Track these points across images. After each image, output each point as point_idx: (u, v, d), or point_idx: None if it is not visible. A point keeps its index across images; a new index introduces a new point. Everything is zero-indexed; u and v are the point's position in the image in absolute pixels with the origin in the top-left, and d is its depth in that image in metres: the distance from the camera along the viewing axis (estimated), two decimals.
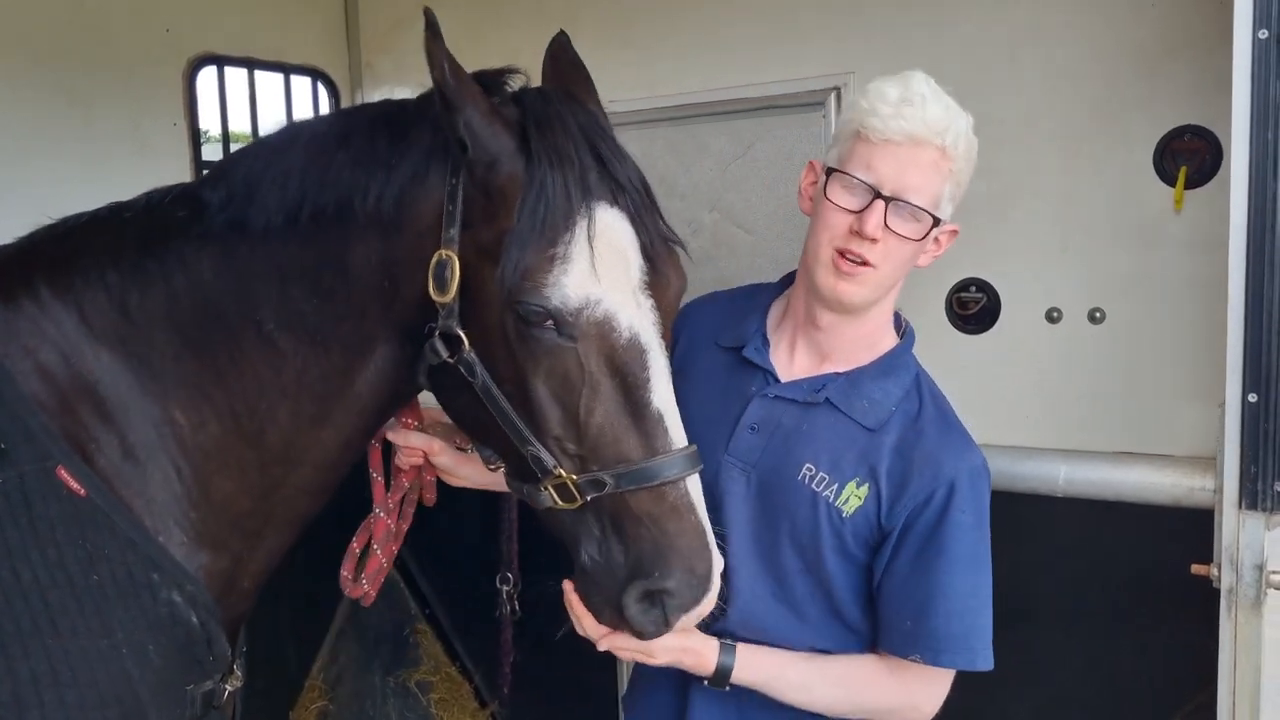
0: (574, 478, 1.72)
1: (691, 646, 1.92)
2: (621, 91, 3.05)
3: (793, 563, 1.97)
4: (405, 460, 2.18)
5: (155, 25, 3.40)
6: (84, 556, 1.66)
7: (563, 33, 1.98)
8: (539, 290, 1.65)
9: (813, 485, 1.95)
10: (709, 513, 1.78)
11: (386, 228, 1.76)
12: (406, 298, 1.78)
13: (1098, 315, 2.77)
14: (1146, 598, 2.65)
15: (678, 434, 1.75)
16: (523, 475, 1.81)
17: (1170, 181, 2.63)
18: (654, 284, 1.75)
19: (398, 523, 2.22)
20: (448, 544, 3.73)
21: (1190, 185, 2.61)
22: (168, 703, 1.77)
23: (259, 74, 3.76)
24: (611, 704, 3.37)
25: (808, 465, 1.96)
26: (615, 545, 1.74)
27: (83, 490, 1.68)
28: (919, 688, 1.95)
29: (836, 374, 2.01)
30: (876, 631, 1.99)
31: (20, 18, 3.03)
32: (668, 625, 1.75)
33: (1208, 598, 2.16)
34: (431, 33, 1.63)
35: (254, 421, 1.83)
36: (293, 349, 1.81)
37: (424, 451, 2.16)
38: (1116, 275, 2.73)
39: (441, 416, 2.11)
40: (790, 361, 2.06)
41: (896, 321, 2.09)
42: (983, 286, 2.92)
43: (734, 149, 3.24)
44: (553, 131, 1.71)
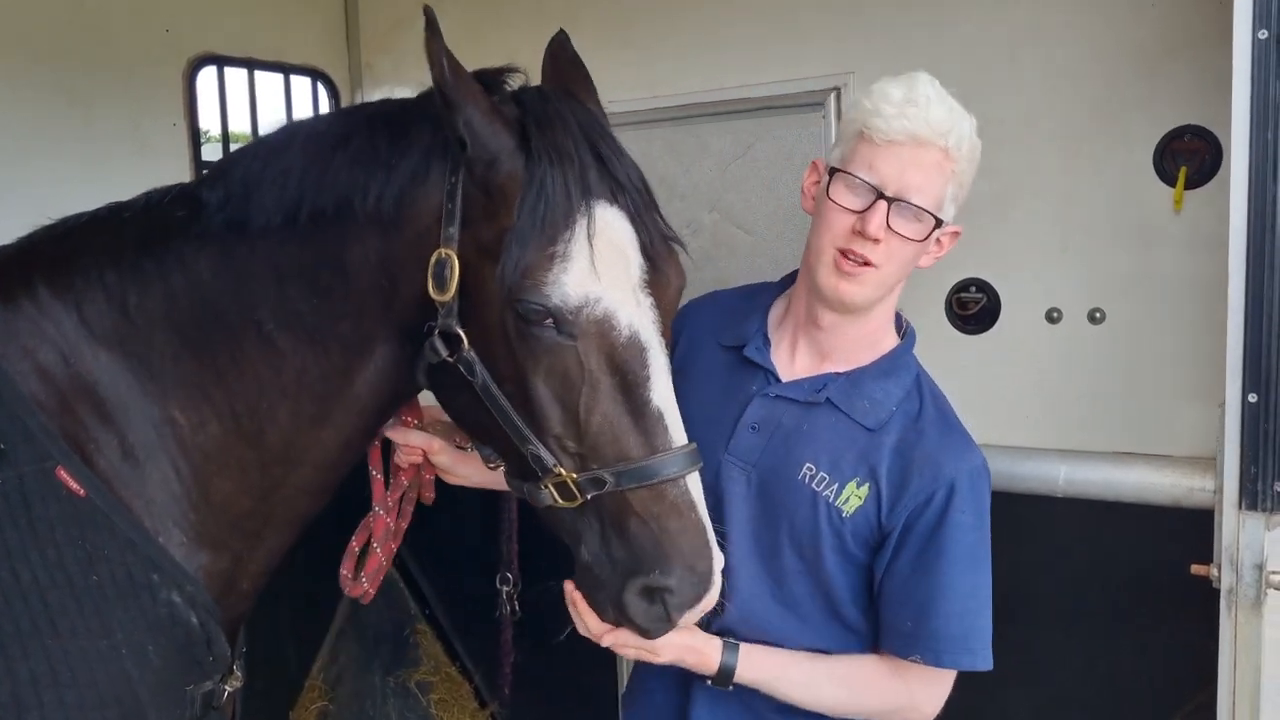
0: (574, 476, 1.72)
1: (695, 645, 1.92)
2: (621, 91, 3.04)
3: (792, 563, 1.97)
4: (404, 459, 2.18)
5: (155, 25, 3.39)
6: (83, 557, 1.66)
7: (562, 31, 1.97)
8: (539, 288, 1.65)
9: (813, 485, 1.95)
10: (709, 512, 1.78)
11: (386, 227, 1.75)
12: (405, 297, 1.77)
13: (1098, 315, 2.77)
14: (1146, 598, 2.65)
15: (678, 432, 1.75)
16: (523, 474, 1.81)
17: (1170, 181, 2.63)
18: (654, 282, 1.75)
19: (397, 521, 2.21)
20: (448, 544, 3.73)
21: (1190, 185, 2.61)
22: (167, 703, 1.77)
23: (259, 74, 3.76)
24: (611, 704, 3.37)
25: (808, 465, 1.96)
26: (616, 543, 1.74)
27: (82, 491, 1.68)
28: (920, 688, 1.95)
29: (837, 374, 2.01)
30: (876, 632, 1.99)
31: (20, 18, 3.03)
32: (670, 622, 1.75)
33: (1208, 598, 2.16)
34: (431, 31, 1.63)
35: (254, 421, 1.83)
36: (292, 348, 1.81)
37: (423, 450, 2.16)
38: (1116, 275, 2.73)
39: (441, 415, 2.11)
40: (791, 361, 2.06)
41: (898, 322, 2.09)
42: (983, 286, 2.91)
43: (734, 149, 3.24)
44: (552, 130, 1.71)
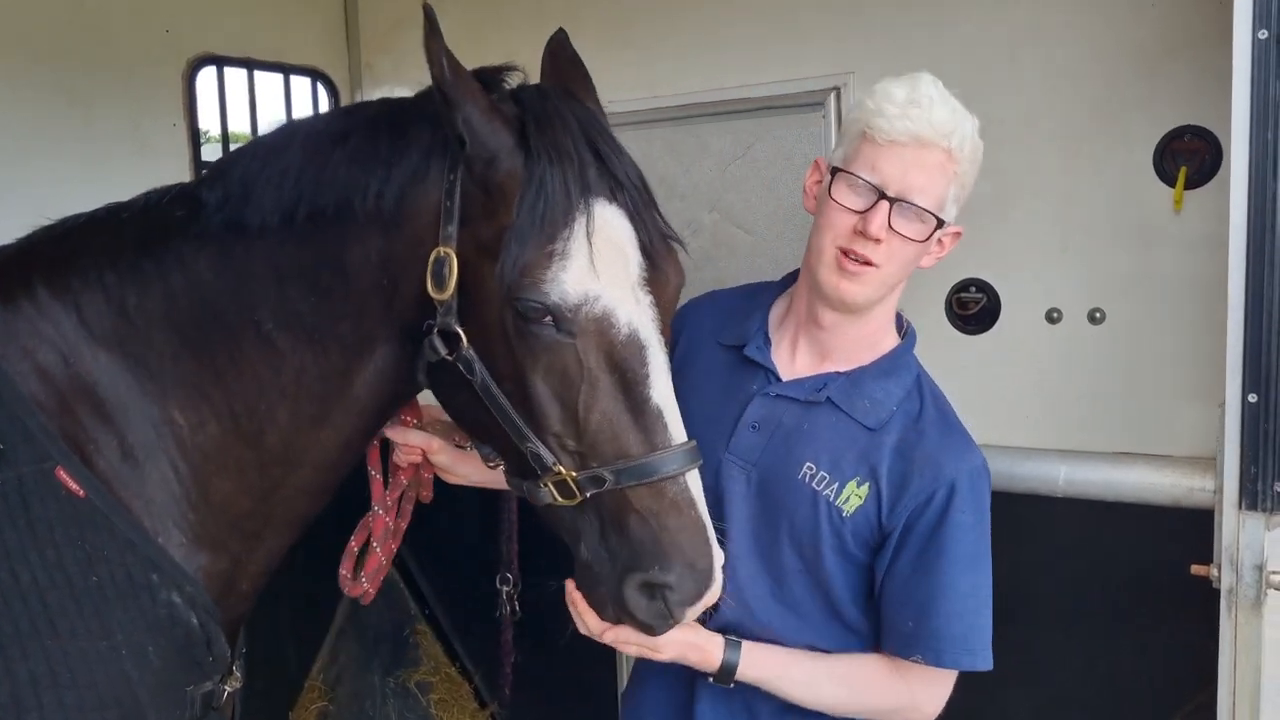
0: (573, 474, 1.72)
1: (697, 642, 1.92)
2: (621, 91, 3.04)
3: (792, 562, 1.97)
4: (404, 458, 2.18)
5: (155, 25, 3.39)
6: (83, 558, 1.66)
7: (561, 30, 1.97)
8: (538, 286, 1.65)
9: (813, 484, 1.95)
10: (709, 511, 1.78)
11: (386, 225, 1.75)
12: (405, 296, 1.77)
13: (1098, 315, 2.77)
14: (1146, 598, 2.64)
15: (677, 429, 1.75)
16: (522, 472, 1.80)
17: (1170, 181, 2.63)
18: (653, 280, 1.75)
19: (396, 521, 2.21)
20: (447, 544, 3.74)
21: (1190, 185, 2.60)
22: (167, 704, 1.77)
23: (259, 74, 3.76)
24: (611, 704, 3.37)
25: (808, 464, 1.95)
26: (616, 541, 1.74)
27: (82, 491, 1.67)
28: (921, 688, 1.96)
29: (838, 373, 2.01)
30: (876, 632, 1.99)
31: (20, 18, 3.03)
32: (672, 619, 1.75)
33: (1208, 598, 2.16)
34: (430, 29, 1.62)
35: (253, 422, 1.83)
36: (291, 349, 1.81)
37: (422, 449, 2.16)
38: (1116, 275, 2.73)
39: (440, 414, 2.11)
40: (792, 360, 2.06)
41: (898, 322, 2.09)
42: (983, 287, 2.91)
43: (734, 149, 3.23)
44: (551, 128, 1.71)
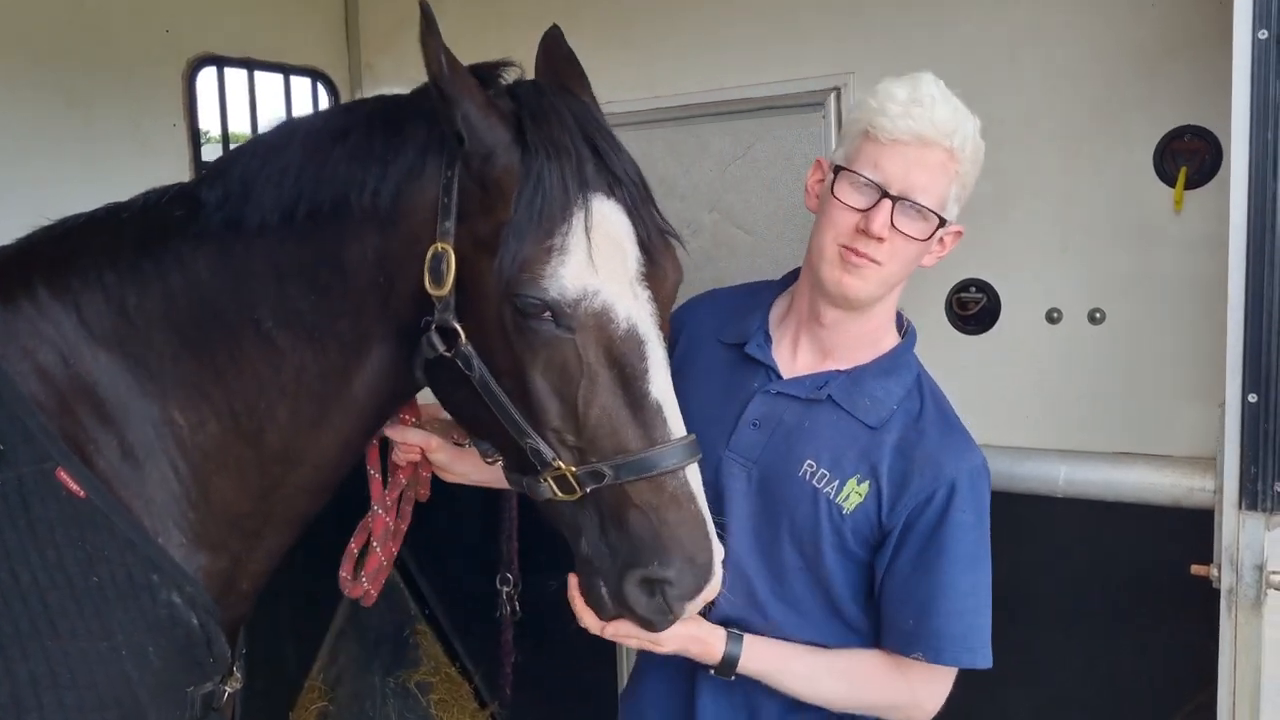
0: (573, 469, 1.72)
1: (699, 635, 1.93)
2: (621, 91, 3.05)
3: (792, 559, 1.98)
4: (402, 456, 2.18)
5: (155, 25, 3.39)
6: (83, 558, 1.66)
7: (556, 26, 1.97)
8: (536, 282, 1.65)
9: (814, 482, 1.95)
10: (710, 508, 1.78)
11: (383, 222, 1.75)
12: (403, 293, 1.77)
13: (1098, 315, 2.76)
14: (1146, 598, 2.64)
15: (676, 424, 1.75)
16: (521, 468, 1.81)
17: (1170, 182, 2.62)
18: (651, 275, 1.75)
19: (396, 522, 2.21)
20: (447, 544, 3.73)
21: (1190, 185, 2.60)
22: (167, 704, 1.77)
23: (259, 75, 3.75)
24: (611, 704, 3.36)
25: (809, 462, 1.96)
26: (615, 536, 1.74)
27: (82, 492, 1.67)
28: (921, 685, 1.96)
29: (839, 371, 2.01)
30: (876, 630, 1.99)
31: (20, 18, 3.02)
32: (672, 614, 1.75)
33: (1208, 598, 2.16)
34: (427, 26, 1.62)
35: (253, 421, 1.83)
36: (291, 347, 1.81)
37: (421, 448, 2.16)
38: (1116, 275, 2.73)
39: (439, 412, 2.11)
40: (793, 358, 2.06)
41: (899, 321, 2.09)
42: (983, 287, 2.91)
43: (734, 149, 3.23)
44: (548, 123, 1.71)
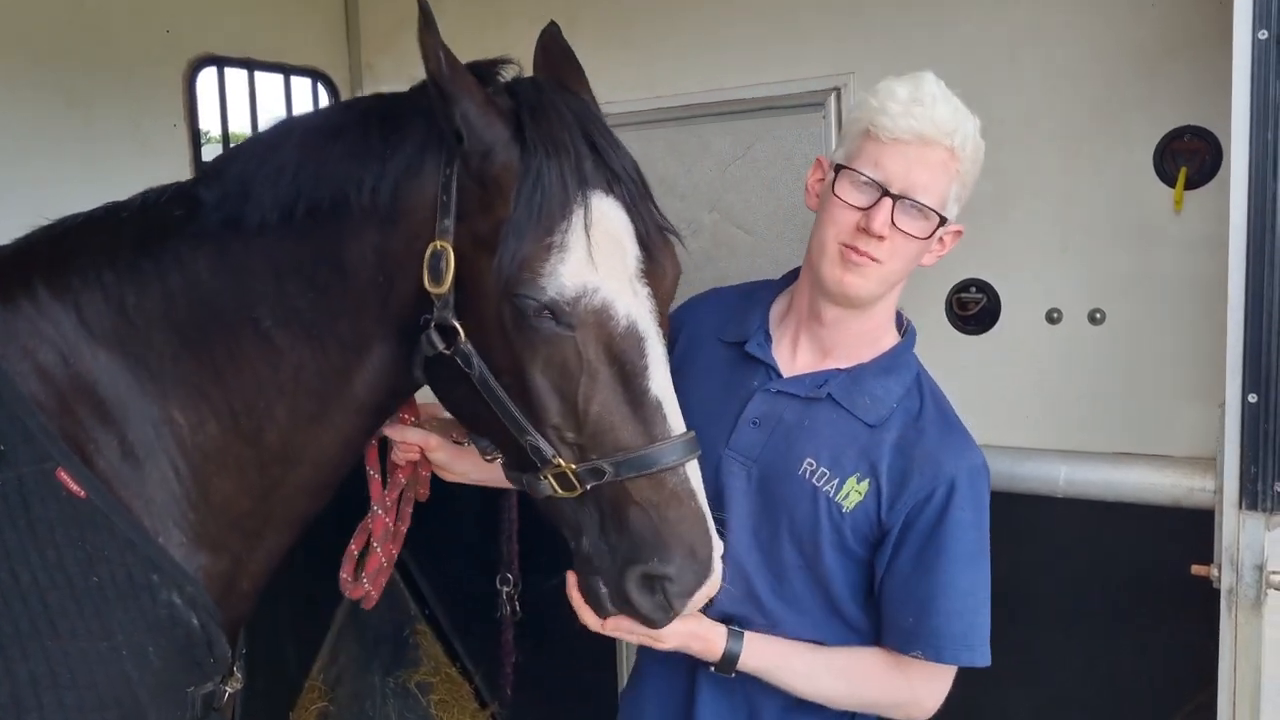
0: (573, 467, 1.72)
1: (700, 632, 1.93)
2: (621, 91, 3.05)
3: (792, 557, 1.98)
4: (402, 456, 2.18)
5: (155, 26, 3.39)
6: (83, 558, 1.66)
7: (553, 23, 1.97)
8: (536, 279, 1.65)
9: (813, 480, 1.95)
10: (709, 506, 1.78)
11: (382, 220, 1.75)
12: (402, 291, 1.77)
13: (1098, 316, 2.77)
14: (1146, 598, 2.65)
15: (676, 420, 1.75)
16: (521, 465, 1.80)
17: (1170, 182, 2.63)
18: (650, 272, 1.75)
19: (396, 524, 2.21)
20: (448, 544, 3.73)
21: (1190, 185, 2.60)
22: (168, 705, 1.76)
23: (259, 75, 3.75)
24: (612, 704, 3.37)
25: (809, 460, 1.96)
26: (615, 533, 1.74)
27: (82, 492, 1.67)
28: (921, 683, 1.96)
29: (839, 370, 2.02)
30: (875, 629, 2.00)
31: (20, 18, 3.02)
32: (673, 611, 1.75)
33: (1208, 598, 2.16)
34: (425, 23, 1.62)
35: (252, 420, 1.83)
36: (290, 346, 1.81)
37: (420, 447, 2.16)
38: (1116, 275, 2.73)
39: (438, 411, 2.11)
40: (792, 357, 2.06)
41: (898, 320, 2.09)
42: (983, 287, 2.91)
43: (734, 149, 3.23)
44: (547, 120, 1.70)
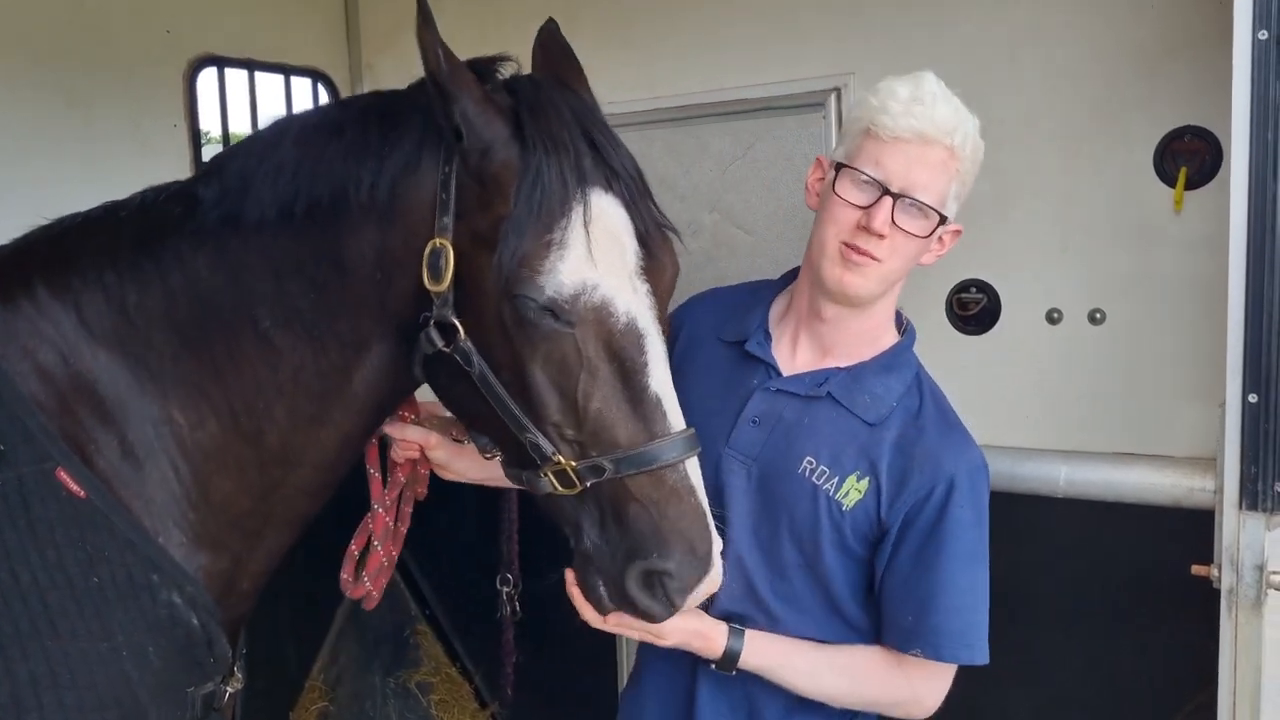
0: (573, 464, 1.72)
1: (701, 629, 1.93)
2: (621, 91, 3.04)
3: (792, 556, 1.98)
4: (401, 454, 2.18)
5: (155, 26, 3.39)
6: (83, 558, 1.66)
7: (551, 20, 1.97)
8: (536, 277, 1.65)
9: (813, 478, 1.95)
10: (709, 505, 1.78)
11: (381, 218, 1.75)
12: (401, 289, 1.77)
13: (1098, 316, 2.76)
14: (1146, 598, 2.64)
15: (676, 417, 1.75)
16: (521, 463, 1.80)
17: (1170, 182, 2.62)
18: (649, 269, 1.75)
19: (396, 525, 2.21)
20: (448, 544, 3.73)
21: (1190, 186, 2.60)
22: (168, 705, 1.76)
23: (259, 75, 3.75)
24: (612, 704, 3.36)
25: (808, 458, 1.96)
26: (615, 530, 1.74)
27: (82, 492, 1.67)
28: (921, 682, 1.97)
29: (838, 368, 2.02)
30: (875, 627, 2.00)
31: (20, 18, 3.02)
32: (673, 607, 1.75)
33: (1208, 598, 2.16)
34: (424, 20, 1.62)
35: (252, 420, 1.83)
36: (289, 346, 1.81)
37: (420, 445, 2.16)
38: (1116, 275, 2.73)
39: (438, 410, 2.11)
40: (792, 356, 2.07)
41: (898, 319, 2.09)
42: (983, 287, 2.91)
43: (734, 150, 3.23)
44: (546, 118, 1.70)
